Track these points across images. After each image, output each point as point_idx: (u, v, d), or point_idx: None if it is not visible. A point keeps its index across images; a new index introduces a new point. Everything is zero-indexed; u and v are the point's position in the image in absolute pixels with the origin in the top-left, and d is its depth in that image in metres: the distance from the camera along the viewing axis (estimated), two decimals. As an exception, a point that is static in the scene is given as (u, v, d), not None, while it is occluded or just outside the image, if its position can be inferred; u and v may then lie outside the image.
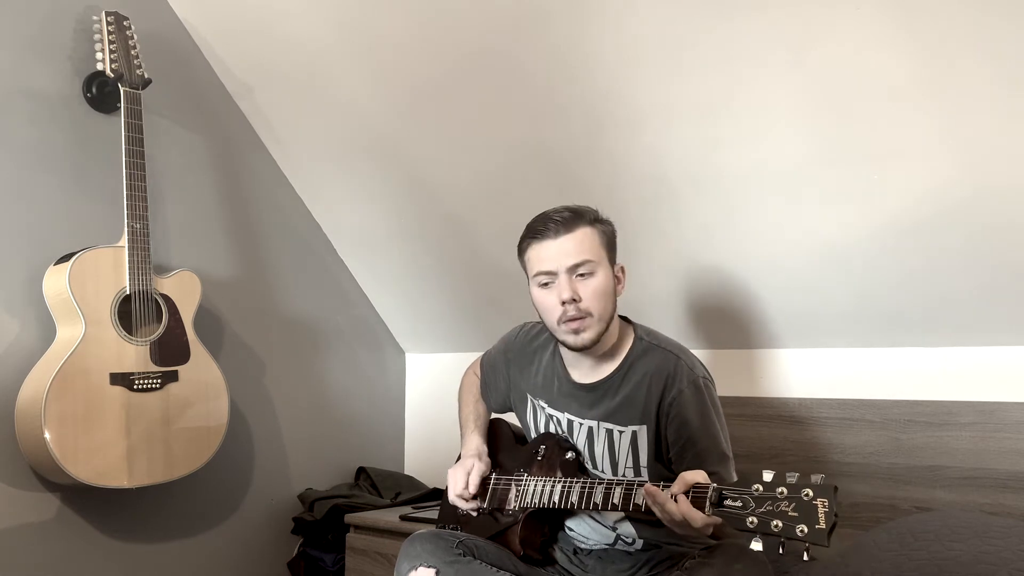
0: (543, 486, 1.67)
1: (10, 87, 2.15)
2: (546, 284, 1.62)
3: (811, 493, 1.21)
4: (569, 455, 1.69)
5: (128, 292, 2.10)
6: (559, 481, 1.64)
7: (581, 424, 1.70)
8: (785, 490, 1.24)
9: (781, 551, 1.23)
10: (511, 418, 1.92)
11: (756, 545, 1.24)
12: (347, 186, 2.69)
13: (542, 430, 1.78)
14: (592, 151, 2.15)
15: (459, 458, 1.83)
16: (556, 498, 1.63)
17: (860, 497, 2.07)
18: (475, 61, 2.13)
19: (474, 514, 1.77)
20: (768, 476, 1.27)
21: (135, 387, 2.10)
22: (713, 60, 1.83)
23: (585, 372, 1.70)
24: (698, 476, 1.38)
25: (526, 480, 1.71)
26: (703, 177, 2.04)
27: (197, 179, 2.53)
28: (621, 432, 1.65)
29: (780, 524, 1.22)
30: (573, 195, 2.25)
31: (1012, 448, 1.91)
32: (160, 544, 2.39)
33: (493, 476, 1.78)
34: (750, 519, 1.25)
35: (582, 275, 1.60)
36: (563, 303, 1.59)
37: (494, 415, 1.94)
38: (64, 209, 2.23)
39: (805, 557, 1.21)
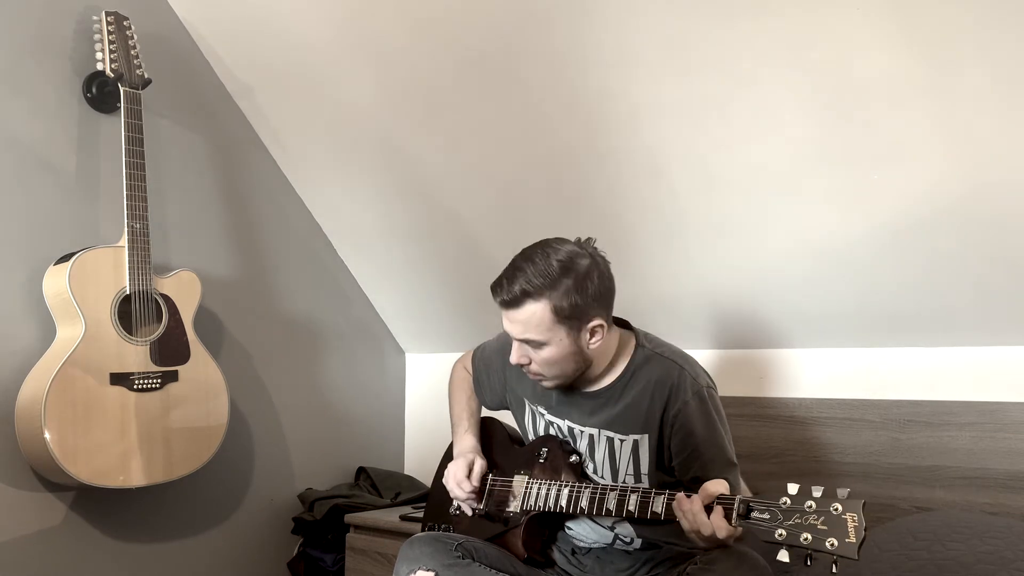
0: (547, 489, 1.66)
1: (10, 87, 2.15)
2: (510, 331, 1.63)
3: (840, 507, 1.24)
4: (574, 458, 1.68)
5: (128, 292, 2.10)
6: (565, 485, 1.64)
7: (582, 431, 1.69)
8: (813, 504, 1.26)
9: (808, 563, 1.24)
10: (504, 416, 1.91)
11: (783, 557, 1.26)
12: (347, 186, 2.69)
13: (541, 434, 1.77)
14: (592, 151, 2.15)
15: (446, 454, 1.82)
16: (564, 502, 1.62)
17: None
18: (475, 61, 2.13)
19: (469, 513, 1.77)
20: (793, 489, 1.29)
21: (135, 387, 2.10)
22: (714, 60, 1.83)
23: (585, 382, 1.69)
24: (721, 487, 1.39)
25: (528, 483, 1.70)
26: (703, 177, 2.04)
27: (197, 179, 2.53)
28: (622, 440, 1.65)
29: (810, 537, 1.24)
30: (573, 195, 2.26)
31: (1012, 448, 1.91)
32: (160, 544, 2.39)
33: (490, 476, 1.77)
34: (779, 532, 1.27)
35: (531, 346, 1.59)
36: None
37: (486, 413, 1.93)
38: (64, 209, 2.23)
39: (833, 570, 1.23)
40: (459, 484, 1.73)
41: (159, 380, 2.14)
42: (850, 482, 2.08)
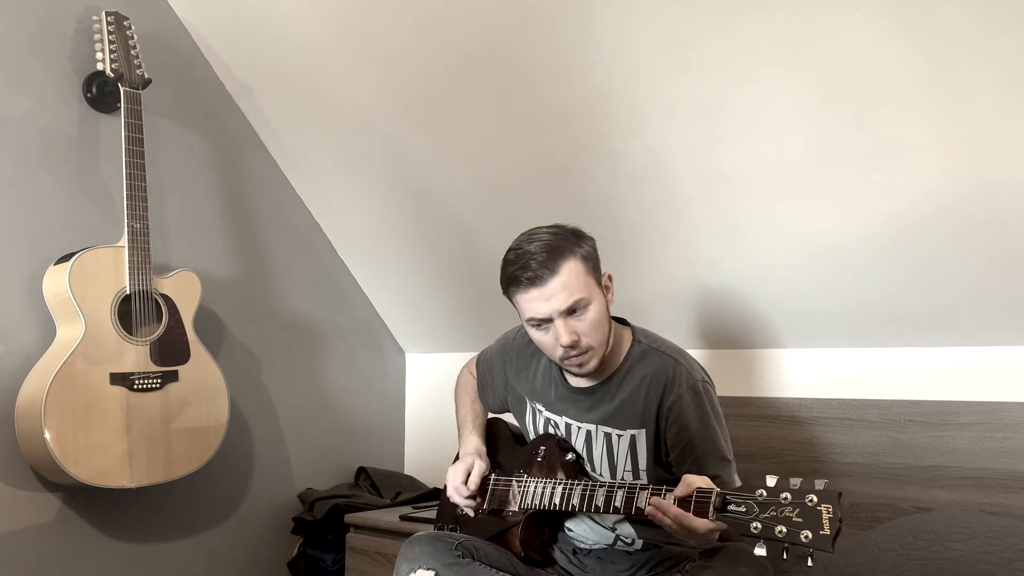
0: (543, 487, 1.67)
1: (10, 87, 2.15)
2: (540, 325, 1.58)
3: (815, 499, 1.21)
4: (570, 456, 1.69)
5: (128, 292, 2.10)
6: (560, 483, 1.64)
7: (579, 428, 1.70)
8: (789, 495, 1.23)
9: (785, 556, 1.22)
10: (509, 418, 1.92)
11: (760, 551, 1.23)
12: (347, 186, 2.69)
13: (541, 432, 1.78)
14: (592, 151, 2.15)
15: (456, 458, 1.83)
16: (557, 500, 1.63)
17: (860, 497, 2.07)
18: (475, 62, 2.13)
19: (472, 514, 1.77)
20: (771, 481, 1.26)
21: (135, 387, 2.10)
22: (713, 60, 1.83)
23: (582, 377, 1.69)
24: (700, 481, 1.37)
25: (526, 481, 1.71)
26: (703, 177, 2.04)
27: (197, 179, 2.53)
28: (619, 436, 1.65)
29: (784, 530, 1.21)
30: (573, 195, 2.26)
31: (1012, 448, 1.91)
32: (160, 544, 2.39)
33: (492, 476, 1.78)
34: (754, 524, 1.24)
35: (576, 312, 1.55)
36: (563, 347, 1.56)
37: (492, 415, 1.94)
38: (64, 209, 2.23)
39: (809, 563, 1.21)
40: (456, 490, 1.74)
41: (159, 380, 2.14)
42: (850, 482, 2.08)
